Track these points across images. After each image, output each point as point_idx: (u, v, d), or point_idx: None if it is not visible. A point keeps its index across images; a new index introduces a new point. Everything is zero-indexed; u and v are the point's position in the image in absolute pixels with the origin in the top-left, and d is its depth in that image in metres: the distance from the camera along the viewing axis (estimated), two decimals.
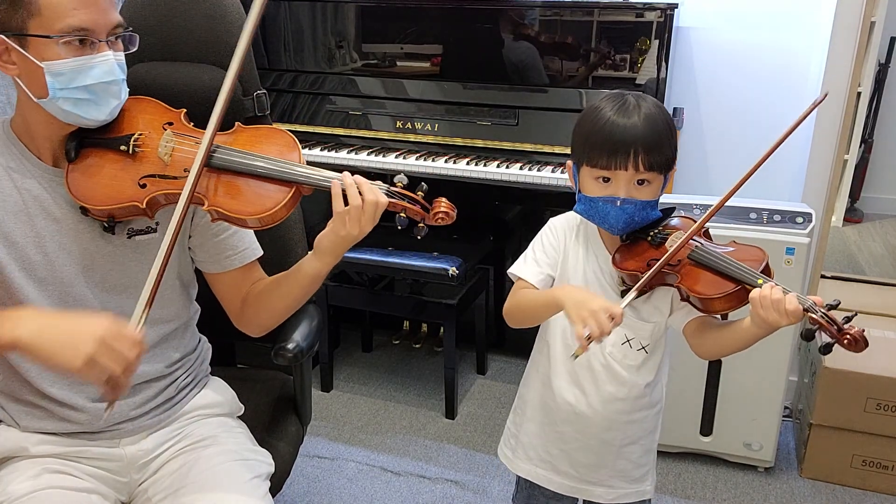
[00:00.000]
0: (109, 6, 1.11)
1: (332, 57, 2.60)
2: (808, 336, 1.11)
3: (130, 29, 1.16)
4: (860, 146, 2.83)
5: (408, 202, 1.18)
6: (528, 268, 1.32)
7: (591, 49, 2.33)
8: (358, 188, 1.14)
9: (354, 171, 2.41)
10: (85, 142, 1.17)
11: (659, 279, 1.21)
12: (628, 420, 1.33)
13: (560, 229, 1.34)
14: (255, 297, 1.31)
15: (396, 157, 2.38)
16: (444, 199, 1.19)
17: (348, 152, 2.43)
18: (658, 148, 1.19)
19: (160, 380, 1.29)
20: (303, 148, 2.47)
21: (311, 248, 1.25)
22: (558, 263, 1.32)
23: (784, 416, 2.28)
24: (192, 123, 1.23)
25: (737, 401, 2.16)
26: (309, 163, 1.18)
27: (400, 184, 1.19)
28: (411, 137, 2.47)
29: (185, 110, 1.24)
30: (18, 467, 1.19)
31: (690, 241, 1.21)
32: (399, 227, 1.19)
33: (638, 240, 1.27)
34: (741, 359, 2.09)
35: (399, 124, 2.48)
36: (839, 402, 2.11)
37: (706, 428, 2.22)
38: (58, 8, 1.05)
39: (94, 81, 1.10)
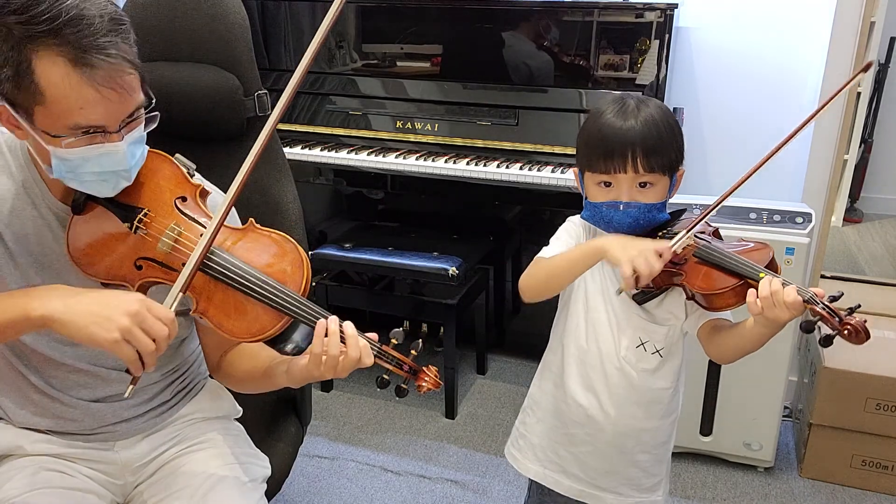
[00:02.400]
0: (126, 98, 1.00)
1: (332, 57, 2.60)
2: (807, 328, 1.08)
3: (153, 104, 1.06)
4: (860, 146, 2.83)
5: (395, 365, 1.10)
6: (552, 249, 1.30)
7: (591, 49, 2.33)
8: (344, 338, 1.06)
9: (354, 170, 2.46)
10: (94, 197, 1.10)
11: (666, 279, 1.21)
12: (642, 427, 1.32)
13: (579, 227, 1.34)
14: (229, 369, 1.28)
15: (396, 157, 2.38)
16: (433, 371, 1.13)
17: (348, 152, 2.43)
18: (658, 149, 1.18)
19: (155, 384, 1.29)
20: (302, 148, 2.48)
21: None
22: None
23: (784, 416, 2.29)
24: (209, 195, 1.17)
25: (737, 401, 2.16)
26: (309, 163, 1.15)
27: (395, 340, 1.11)
28: (411, 137, 2.47)
29: (201, 186, 1.16)
30: (15, 465, 1.19)
31: (697, 239, 1.21)
32: (378, 385, 1.12)
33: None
34: (741, 359, 2.09)
35: (399, 124, 2.48)
36: (839, 402, 2.11)
37: (706, 428, 2.23)
38: (64, 106, 0.96)
39: (102, 170, 1.03)
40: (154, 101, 1.07)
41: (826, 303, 1.05)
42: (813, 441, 2.18)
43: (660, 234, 1.26)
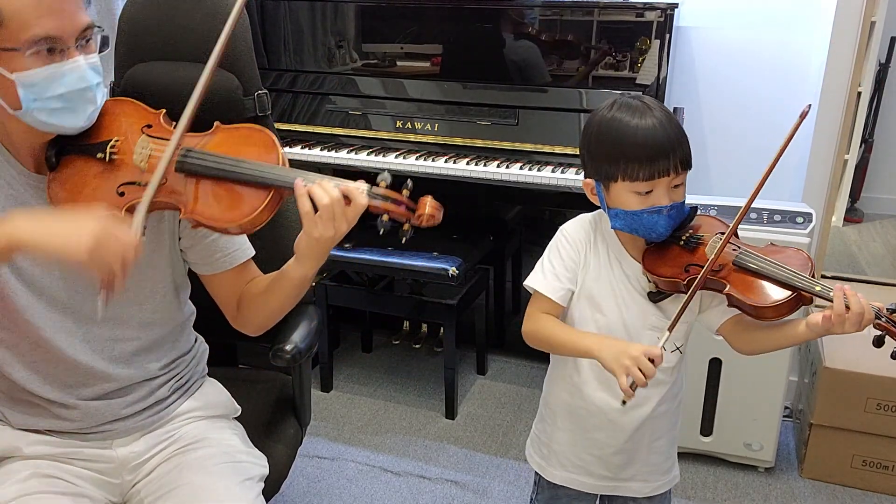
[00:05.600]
0: (76, 9, 1.07)
1: (332, 57, 2.59)
2: (878, 343, 1.11)
3: (101, 29, 1.12)
4: (860, 146, 2.82)
5: (391, 203, 1.09)
6: (547, 282, 1.26)
7: (592, 49, 2.33)
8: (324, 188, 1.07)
9: (354, 170, 2.45)
10: (65, 149, 1.15)
11: (708, 287, 1.19)
12: (656, 416, 1.32)
13: (576, 238, 1.28)
14: (249, 298, 1.29)
15: (396, 156, 2.38)
16: (429, 198, 1.10)
17: (348, 152, 2.43)
18: (685, 146, 1.18)
19: (152, 381, 1.29)
20: (302, 148, 2.48)
21: None
22: (577, 276, 1.27)
23: (784, 416, 2.28)
24: (173, 124, 1.20)
25: (737, 401, 2.16)
26: (308, 163, 1.16)
27: (383, 183, 1.09)
28: (411, 137, 2.46)
29: (164, 111, 1.21)
30: (9, 470, 1.18)
31: (733, 246, 1.20)
32: (381, 231, 1.10)
33: (667, 243, 1.24)
34: (741, 359, 2.08)
35: (399, 124, 2.48)
36: (839, 402, 2.11)
37: (706, 428, 2.22)
38: (21, 18, 1.01)
39: (67, 89, 1.07)
40: (101, 27, 1.12)
41: (888, 315, 1.08)
42: (813, 441, 2.18)
43: (682, 239, 1.23)
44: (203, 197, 1.13)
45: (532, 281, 1.28)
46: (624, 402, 1.15)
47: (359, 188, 1.08)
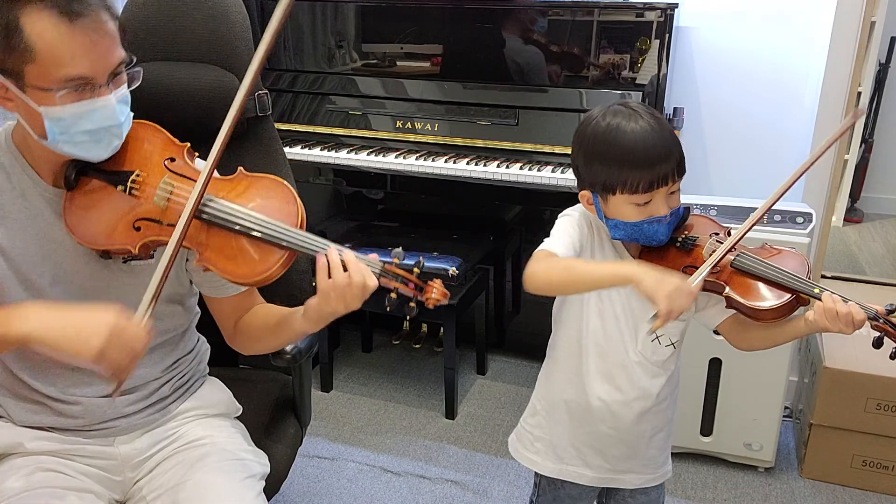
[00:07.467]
0: (111, 48, 1.05)
1: (332, 57, 2.59)
2: (877, 344, 1.14)
3: (135, 62, 1.11)
4: (860, 146, 2.82)
5: (401, 282, 1.10)
6: (563, 247, 1.21)
7: (592, 49, 2.33)
8: (345, 266, 1.08)
9: (354, 170, 2.45)
10: (85, 169, 1.14)
11: (707, 287, 1.20)
12: (656, 410, 1.33)
13: (582, 223, 1.28)
14: (247, 328, 1.30)
15: (396, 156, 2.38)
16: (438, 283, 1.12)
17: (348, 152, 2.43)
18: (679, 150, 1.18)
19: (154, 380, 1.30)
20: (302, 148, 2.48)
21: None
22: (584, 255, 1.27)
23: (784, 416, 2.28)
24: (196, 157, 1.19)
25: (737, 401, 2.16)
26: (309, 163, 1.15)
27: (396, 260, 1.11)
28: (411, 137, 2.47)
29: (188, 145, 1.19)
30: (13, 465, 1.19)
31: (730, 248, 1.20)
32: (388, 308, 1.11)
33: (663, 245, 1.24)
34: (741, 359, 2.09)
35: (399, 124, 2.48)
36: (839, 402, 2.11)
37: (706, 428, 2.22)
38: (55, 57, 0.99)
39: (95, 126, 1.07)
40: (134, 60, 1.11)
41: (885, 317, 1.10)
42: (813, 441, 2.18)
43: (678, 241, 1.24)
44: (218, 248, 1.12)
45: (546, 245, 1.22)
46: (653, 331, 1.13)
47: (370, 269, 1.09)
